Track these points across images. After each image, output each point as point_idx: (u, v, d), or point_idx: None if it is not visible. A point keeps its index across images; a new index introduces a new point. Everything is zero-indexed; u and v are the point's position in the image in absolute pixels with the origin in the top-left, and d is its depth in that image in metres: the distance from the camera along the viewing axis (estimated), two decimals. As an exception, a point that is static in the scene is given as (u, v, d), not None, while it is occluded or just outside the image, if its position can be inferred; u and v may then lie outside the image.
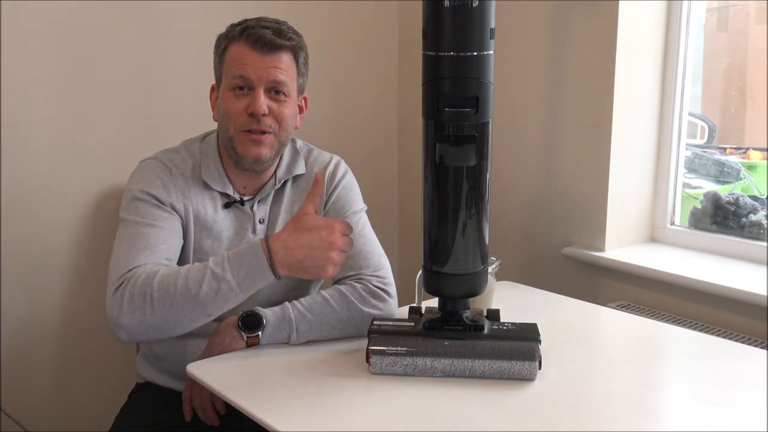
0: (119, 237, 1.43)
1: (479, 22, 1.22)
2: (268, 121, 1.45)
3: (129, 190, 1.48)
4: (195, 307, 1.30)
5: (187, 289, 1.30)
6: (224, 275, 1.30)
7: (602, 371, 1.36)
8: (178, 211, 1.47)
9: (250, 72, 1.43)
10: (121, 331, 1.33)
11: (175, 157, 1.52)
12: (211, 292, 1.30)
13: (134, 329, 1.32)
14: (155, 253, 1.39)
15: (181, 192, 1.48)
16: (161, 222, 1.43)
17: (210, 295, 1.30)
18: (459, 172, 1.28)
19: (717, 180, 2.24)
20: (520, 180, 2.16)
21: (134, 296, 1.31)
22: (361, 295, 1.44)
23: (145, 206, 1.44)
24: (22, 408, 1.87)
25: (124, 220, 1.45)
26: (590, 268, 2.02)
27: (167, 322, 1.31)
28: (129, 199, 1.47)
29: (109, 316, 1.33)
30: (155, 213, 1.44)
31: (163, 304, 1.30)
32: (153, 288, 1.31)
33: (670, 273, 1.85)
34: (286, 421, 1.15)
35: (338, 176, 1.58)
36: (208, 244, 1.49)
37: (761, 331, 1.71)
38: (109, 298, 1.34)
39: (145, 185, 1.46)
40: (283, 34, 1.45)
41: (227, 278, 1.30)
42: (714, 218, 2.00)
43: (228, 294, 1.31)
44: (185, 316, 1.31)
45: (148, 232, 1.41)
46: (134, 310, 1.31)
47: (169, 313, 1.30)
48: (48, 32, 1.78)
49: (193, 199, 1.49)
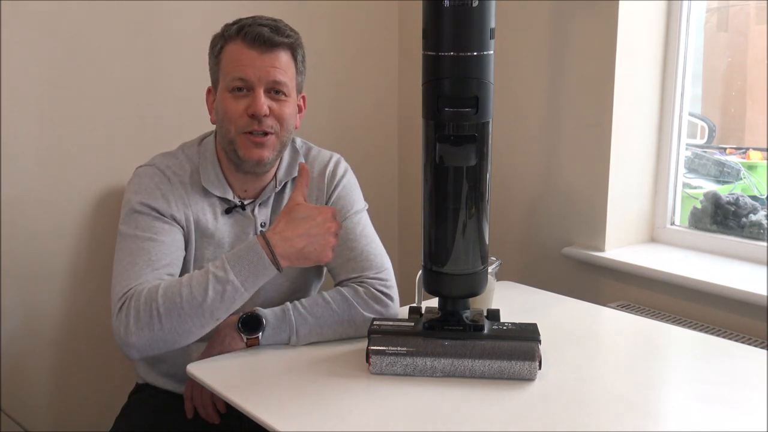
0: (119, 253, 1.40)
1: (479, 22, 1.22)
2: (269, 121, 1.43)
3: (128, 200, 1.45)
4: (203, 314, 1.30)
5: (193, 298, 1.29)
6: (227, 277, 1.30)
7: (602, 371, 1.36)
8: (179, 222, 1.44)
9: (249, 72, 1.41)
10: (132, 350, 1.31)
11: (173, 164, 1.49)
12: (216, 296, 1.30)
13: (144, 346, 1.31)
14: (157, 269, 1.37)
15: (181, 201, 1.45)
16: (161, 235, 1.40)
17: (216, 299, 1.30)
18: (459, 172, 1.28)
19: (717, 180, 2.24)
20: (520, 180, 2.16)
21: (140, 313, 1.30)
22: (364, 299, 1.44)
23: (144, 219, 1.41)
24: (22, 408, 1.87)
25: (123, 234, 1.42)
26: (590, 268, 2.02)
27: (177, 333, 1.30)
28: (128, 212, 1.43)
29: (117, 336, 1.32)
30: (155, 226, 1.41)
31: (170, 316, 1.29)
32: (158, 302, 1.29)
33: (670, 273, 1.85)
34: (286, 421, 1.15)
35: (338, 176, 1.57)
36: (210, 252, 1.47)
37: (761, 331, 1.71)
38: (114, 318, 1.32)
39: (144, 197, 1.43)
40: (281, 32, 1.43)
41: (230, 279, 1.30)
42: (714, 218, 2.00)
43: (234, 295, 1.31)
44: (194, 324, 1.31)
45: (149, 248, 1.38)
46: (142, 327, 1.30)
47: (177, 325, 1.30)
48: (46, 33, 1.78)
49: (194, 207, 1.46)
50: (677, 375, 1.37)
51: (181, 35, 1.97)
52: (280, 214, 1.36)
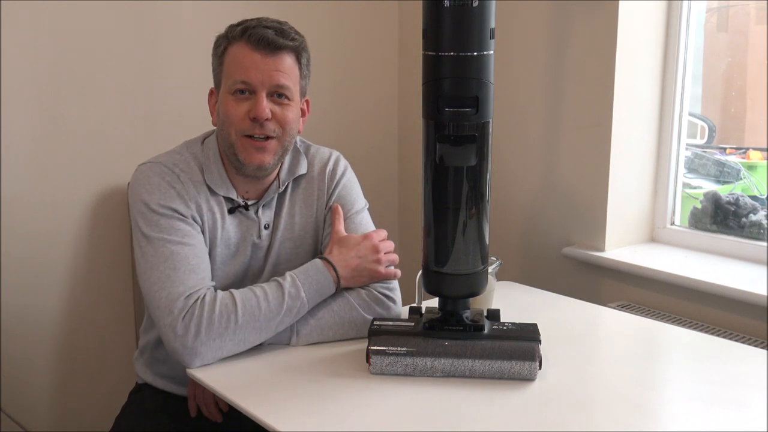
0: (150, 257, 1.36)
1: (479, 22, 1.22)
2: (271, 125, 1.41)
3: (142, 201, 1.41)
4: (272, 326, 1.36)
5: (270, 311, 1.34)
6: (299, 294, 1.36)
7: (602, 371, 1.36)
8: (198, 222, 1.43)
9: (252, 75, 1.39)
10: (195, 358, 1.30)
11: (180, 161, 1.46)
12: (288, 311, 1.36)
13: (210, 354, 1.31)
14: (199, 274, 1.36)
15: (194, 200, 1.43)
16: (189, 238, 1.39)
17: (287, 315, 1.36)
18: (459, 172, 1.28)
19: (717, 180, 2.24)
20: (520, 180, 2.16)
21: (213, 323, 1.30)
22: (366, 302, 1.43)
23: (168, 221, 1.39)
24: (22, 408, 1.87)
25: (149, 237, 1.38)
26: (590, 268, 2.02)
27: (244, 343, 1.34)
28: (147, 213, 1.39)
29: (181, 344, 1.29)
30: (182, 228, 1.39)
31: (247, 327, 1.32)
32: (237, 313, 1.31)
33: (670, 273, 1.85)
34: (286, 421, 1.15)
35: (338, 174, 1.56)
36: (218, 252, 1.46)
37: (761, 331, 1.71)
38: (178, 326, 1.29)
39: (160, 197, 1.40)
40: (286, 35, 1.41)
41: (301, 296, 1.37)
42: (714, 218, 2.00)
43: (300, 311, 1.38)
44: (260, 336, 1.35)
45: (186, 253, 1.37)
46: (214, 337, 1.30)
47: (250, 335, 1.33)
48: (46, 33, 1.78)
49: (204, 205, 1.45)
50: (677, 375, 1.37)
51: (181, 35, 1.97)
52: (330, 243, 1.46)
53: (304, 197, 1.53)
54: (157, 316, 1.33)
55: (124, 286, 1.95)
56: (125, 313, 1.95)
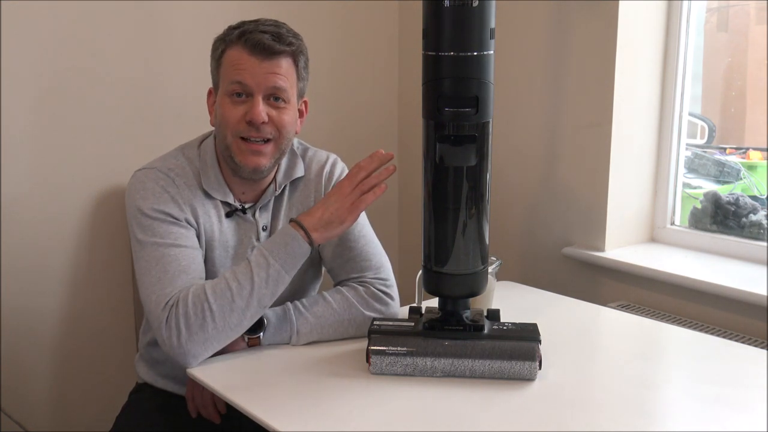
0: (144, 261, 1.37)
1: (479, 22, 1.22)
2: (268, 128, 1.41)
3: (137, 207, 1.41)
4: (252, 303, 1.33)
5: (241, 289, 1.32)
6: (267, 262, 1.34)
7: (602, 371, 1.36)
8: (192, 225, 1.43)
9: (248, 78, 1.38)
10: (188, 358, 1.31)
11: (175, 166, 1.46)
12: (262, 282, 1.34)
13: (199, 350, 1.31)
14: (189, 274, 1.36)
15: (189, 204, 1.43)
16: (182, 240, 1.40)
17: (262, 286, 1.34)
18: (459, 172, 1.28)
19: (717, 180, 2.24)
20: (520, 180, 2.16)
21: (189, 318, 1.30)
22: (364, 299, 1.44)
23: (161, 225, 1.39)
24: (22, 408, 1.87)
25: (142, 242, 1.39)
26: (590, 268, 2.02)
27: (229, 328, 1.32)
28: (141, 218, 1.40)
29: (170, 347, 1.31)
30: (174, 231, 1.40)
31: (223, 312, 1.31)
32: (209, 302, 1.30)
33: (670, 273, 1.85)
34: (286, 421, 1.15)
35: (335, 177, 1.55)
36: (216, 255, 1.46)
37: (761, 331, 1.71)
38: (163, 329, 1.31)
39: (153, 202, 1.41)
40: (283, 39, 1.40)
41: (271, 263, 1.34)
42: (714, 218, 2.00)
43: (277, 278, 1.35)
44: (245, 316, 1.33)
45: (176, 254, 1.37)
46: (195, 331, 1.30)
47: (230, 319, 1.32)
48: (46, 33, 1.78)
49: (200, 209, 1.45)
50: (677, 375, 1.37)
51: (181, 36, 1.97)
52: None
53: (301, 200, 1.53)
54: (150, 320, 1.35)
55: (123, 286, 1.95)
56: (125, 313, 1.95)
